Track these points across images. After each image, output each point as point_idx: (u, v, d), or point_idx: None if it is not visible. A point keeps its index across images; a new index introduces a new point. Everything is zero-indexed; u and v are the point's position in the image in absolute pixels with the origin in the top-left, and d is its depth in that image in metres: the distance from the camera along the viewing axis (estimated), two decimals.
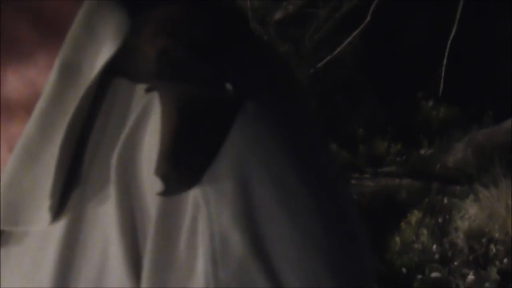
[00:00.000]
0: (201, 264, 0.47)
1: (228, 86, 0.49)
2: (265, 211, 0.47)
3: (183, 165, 0.48)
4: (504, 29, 5.60)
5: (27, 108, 0.53)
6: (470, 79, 5.30)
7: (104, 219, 0.51)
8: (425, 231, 4.27)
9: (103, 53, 0.52)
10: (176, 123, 0.48)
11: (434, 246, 4.23)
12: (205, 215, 0.47)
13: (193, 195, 0.47)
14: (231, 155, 0.48)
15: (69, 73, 0.52)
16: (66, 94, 0.52)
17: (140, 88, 0.51)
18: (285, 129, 0.50)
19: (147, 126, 0.50)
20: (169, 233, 0.48)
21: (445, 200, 4.53)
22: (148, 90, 0.50)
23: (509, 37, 5.49)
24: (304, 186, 0.49)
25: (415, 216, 4.39)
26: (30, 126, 0.53)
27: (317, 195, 0.49)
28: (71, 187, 0.52)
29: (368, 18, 4.55)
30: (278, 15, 4.71)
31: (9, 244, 0.54)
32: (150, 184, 0.49)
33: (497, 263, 4.08)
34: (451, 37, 4.90)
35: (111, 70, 0.51)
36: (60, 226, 0.52)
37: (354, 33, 4.60)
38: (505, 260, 4.10)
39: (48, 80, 0.53)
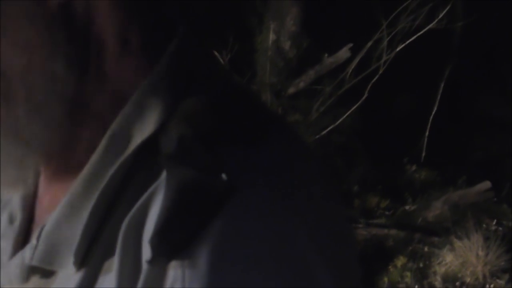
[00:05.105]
0: None
1: (224, 176, 0.49)
2: None
3: (169, 240, 0.48)
4: (478, 108, 5.77)
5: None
6: (448, 148, 5.37)
7: (108, 276, 0.52)
8: (408, 274, 4.34)
9: (144, 132, 0.53)
10: (172, 202, 0.49)
11: (416, 287, 4.27)
12: (180, 286, 0.48)
13: (173, 268, 0.48)
14: (210, 239, 0.48)
15: (115, 144, 0.53)
16: (111, 162, 0.53)
17: (161, 167, 0.52)
18: (270, 225, 0.49)
19: (156, 201, 0.51)
20: None
21: (426, 249, 4.57)
22: (167, 170, 0.51)
23: (479, 115, 5.66)
24: (273, 279, 0.48)
25: (400, 261, 4.44)
26: (77, 183, 0.54)
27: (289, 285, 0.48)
28: (94, 243, 0.53)
29: (365, 95, 4.82)
30: (291, 90, 4.90)
31: (36, 277, 0.56)
32: (145, 252, 0.50)
33: None
34: (432, 114, 5.18)
35: (149, 147, 0.53)
36: (80, 273, 0.53)
37: (353, 108, 4.85)
38: None
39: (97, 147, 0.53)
